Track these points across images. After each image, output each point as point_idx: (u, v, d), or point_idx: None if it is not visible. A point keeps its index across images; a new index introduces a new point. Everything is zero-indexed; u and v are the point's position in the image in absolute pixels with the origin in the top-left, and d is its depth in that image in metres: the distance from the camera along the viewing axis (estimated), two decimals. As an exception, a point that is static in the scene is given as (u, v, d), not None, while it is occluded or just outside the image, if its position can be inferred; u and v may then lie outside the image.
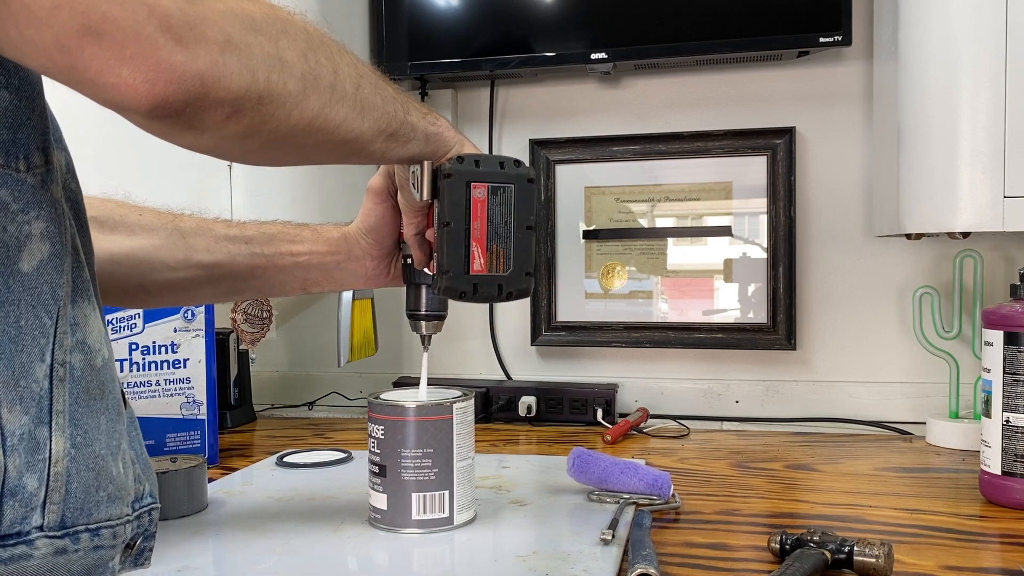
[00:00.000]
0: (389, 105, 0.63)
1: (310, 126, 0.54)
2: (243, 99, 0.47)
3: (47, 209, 0.50)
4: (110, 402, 0.53)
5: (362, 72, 0.60)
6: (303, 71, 0.51)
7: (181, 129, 0.46)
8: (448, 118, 1.54)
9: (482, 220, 0.73)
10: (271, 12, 0.50)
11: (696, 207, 1.46)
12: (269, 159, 0.57)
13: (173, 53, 0.42)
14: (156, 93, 0.42)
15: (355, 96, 0.58)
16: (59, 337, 0.50)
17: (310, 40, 0.54)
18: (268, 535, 0.82)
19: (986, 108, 1.07)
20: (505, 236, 0.74)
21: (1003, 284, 1.30)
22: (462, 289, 0.73)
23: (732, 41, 1.35)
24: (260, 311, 1.48)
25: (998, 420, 0.90)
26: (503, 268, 0.75)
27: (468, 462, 0.84)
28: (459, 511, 0.83)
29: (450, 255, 0.73)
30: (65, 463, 0.49)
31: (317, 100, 0.53)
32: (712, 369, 1.47)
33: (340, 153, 0.62)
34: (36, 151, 0.50)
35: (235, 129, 0.48)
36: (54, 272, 0.50)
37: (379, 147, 0.64)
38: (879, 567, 0.70)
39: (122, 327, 1.09)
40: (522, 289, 0.76)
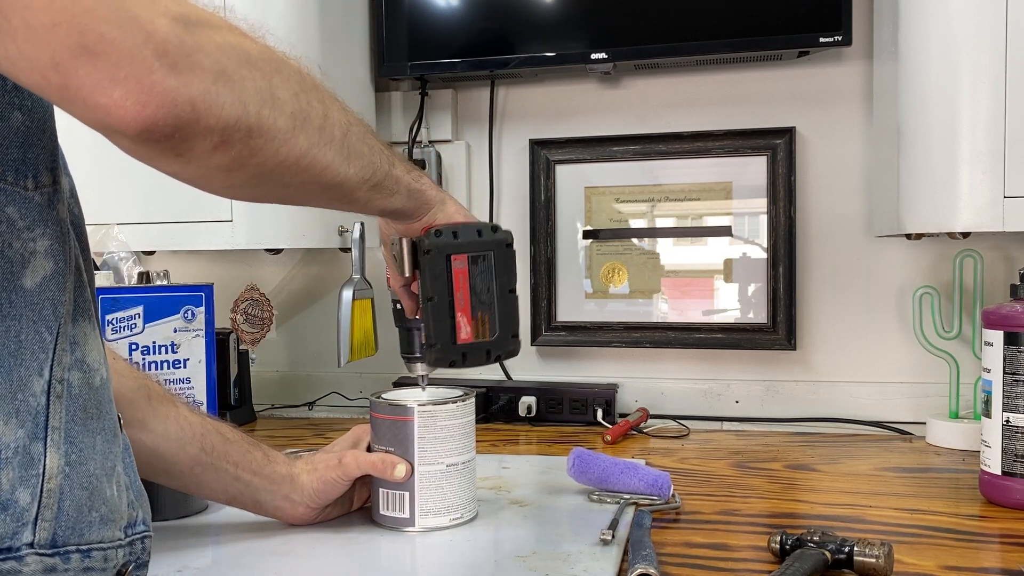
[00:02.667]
0: (375, 156, 0.63)
1: (296, 165, 0.53)
2: (232, 130, 0.47)
3: (52, 227, 0.50)
4: (106, 423, 0.53)
5: (351, 121, 0.60)
6: (294, 110, 0.52)
7: (168, 156, 0.46)
8: (448, 118, 1.55)
9: (465, 290, 0.75)
10: (267, 51, 0.51)
11: (696, 207, 1.46)
12: (253, 194, 0.56)
13: (167, 78, 0.42)
14: (146, 116, 0.42)
15: (343, 142, 0.58)
16: (58, 354, 0.50)
17: (303, 82, 0.54)
18: (268, 535, 0.82)
19: (986, 108, 1.07)
20: (488, 303, 0.77)
21: (1003, 284, 1.30)
22: (451, 359, 0.76)
23: (732, 41, 1.35)
24: (260, 311, 1.48)
25: (998, 420, 0.90)
26: (489, 334, 0.77)
27: (440, 467, 0.83)
28: (423, 514, 0.82)
29: (436, 328, 0.74)
30: (59, 480, 0.49)
31: (305, 140, 0.53)
32: (712, 369, 1.47)
33: (324, 197, 0.62)
34: (45, 171, 0.50)
35: (222, 160, 0.48)
36: (56, 289, 0.50)
37: (363, 196, 0.64)
38: (879, 567, 0.70)
39: (122, 327, 1.09)
40: (509, 351, 0.79)
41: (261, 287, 1.50)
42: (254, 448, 0.82)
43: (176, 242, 1.32)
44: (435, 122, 1.54)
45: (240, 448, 0.80)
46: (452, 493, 0.83)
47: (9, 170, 0.48)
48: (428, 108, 1.54)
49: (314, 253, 1.61)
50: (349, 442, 0.88)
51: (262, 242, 1.32)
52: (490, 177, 1.55)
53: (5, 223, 0.48)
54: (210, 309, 1.16)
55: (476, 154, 1.56)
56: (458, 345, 0.75)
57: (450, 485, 0.83)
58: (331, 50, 1.37)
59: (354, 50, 1.47)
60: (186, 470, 0.77)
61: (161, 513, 0.87)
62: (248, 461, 0.80)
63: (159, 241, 1.33)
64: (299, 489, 0.82)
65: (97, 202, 1.32)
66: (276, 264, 1.63)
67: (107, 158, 1.30)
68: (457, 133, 1.56)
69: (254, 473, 0.80)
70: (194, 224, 1.30)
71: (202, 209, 1.29)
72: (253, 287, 1.49)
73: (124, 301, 1.09)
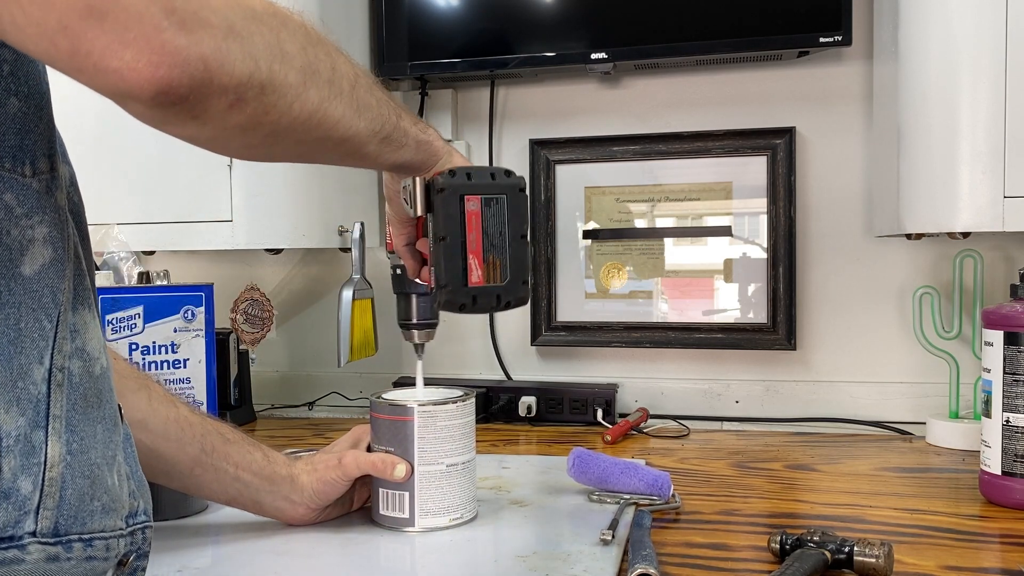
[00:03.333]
0: (383, 108, 0.63)
1: (310, 120, 0.53)
2: (246, 86, 0.46)
3: (51, 215, 0.50)
4: (107, 412, 0.53)
5: (357, 73, 0.60)
6: (303, 64, 0.51)
7: (184, 119, 0.45)
8: (448, 118, 1.55)
9: (477, 232, 0.74)
10: (271, 6, 0.50)
11: (696, 207, 1.46)
12: (270, 153, 0.56)
13: (176, 36, 0.42)
14: (160, 77, 0.42)
15: (351, 94, 0.58)
16: (59, 342, 0.50)
17: (308, 36, 0.54)
18: (267, 535, 0.82)
19: (986, 108, 1.07)
20: (500, 247, 0.75)
21: (1003, 284, 1.30)
22: (461, 302, 0.74)
23: (732, 41, 1.35)
24: (260, 311, 1.48)
25: (998, 420, 0.90)
26: (500, 278, 0.75)
27: (440, 467, 0.83)
28: (422, 514, 0.82)
29: (448, 269, 0.73)
30: (60, 468, 0.48)
31: (316, 94, 0.53)
32: (712, 369, 1.47)
33: (338, 152, 0.62)
34: (42, 157, 0.50)
35: (238, 119, 0.48)
36: (55, 277, 0.50)
37: (374, 149, 0.64)
38: (879, 567, 0.70)
39: (122, 327, 1.09)
40: (520, 298, 0.77)
41: (261, 287, 1.50)
42: (254, 449, 0.82)
43: (176, 242, 1.32)
44: (435, 122, 1.54)
45: (240, 449, 0.80)
46: (452, 493, 0.83)
47: (6, 157, 0.48)
48: (428, 108, 1.54)
49: (314, 253, 1.61)
50: (349, 442, 0.88)
51: (262, 242, 1.32)
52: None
53: (3, 210, 0.48)
54: (210, 309, 1.16)
55: (476, 154, 1.56)
56: (469, 288, 0.73)
57: (450, 485, 0.83)
58: (331, 50, 1.37)
59: (354, 50, 1.46)
60: (186, 470, 0.77)
61: (161, 513, 0.86)
62: (248, 462, 0.80)
63: (159, 241, 1.33)
64: (299, 490, 0.82)
65: (97, 202, 1.32)
66: (276, 264, 1.63)
67: (107, 157, 1.31)
68: (457, 133, 1.56)
69: (254, 474, 0.80)
70: (194, 224, 1.30)
71: (202, 209, 1.30)
72: (253, 287, 1.49)
73: (124, 301, 1.09)
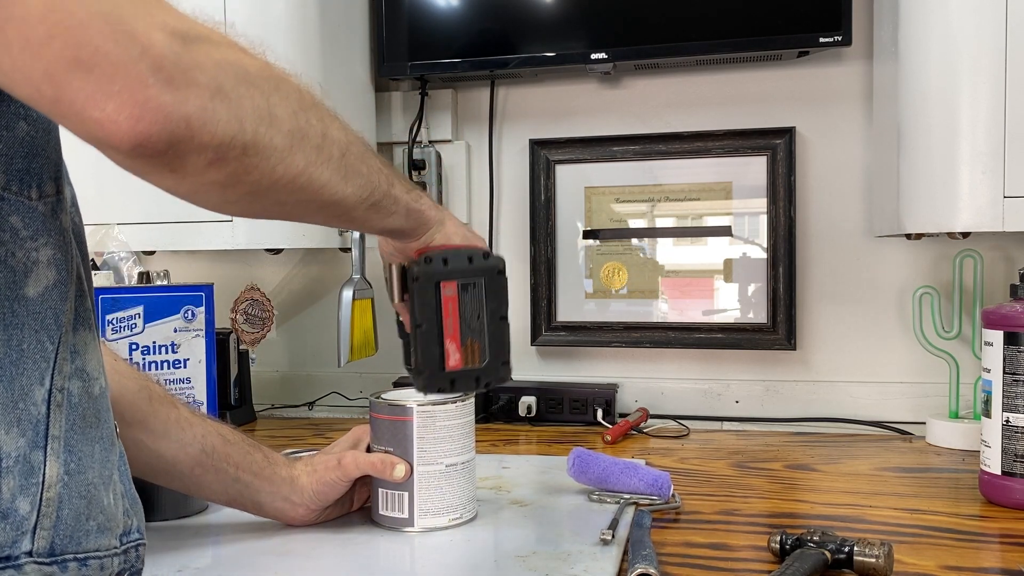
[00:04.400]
0: (374, 175, 0.63)
1: (293, 183, 0.53)
2: (227, 147, 0.46)
3: (55, 237, 0.51)
4: (104, 432, 0.53)
5: (351, 140, 0.60)
6: (291, 128, 0.51)
7: (162, 171, 0.45)
8: (448, 118, 1.55)
9: (454, 317, 0.74)
10: (267, 68, 0.50)
11: (696, 207, 1.46)
12: (249, 211, 0.56)
13: (162, 93, 0.42)
14: (139, 131, 0.42)
15: (341, 161, 0.58)
16: (59, 363, 0.50)
17: (302, 100, 0.53)
18: (267, 535, 0.82)
19: (986, 108, 1.07)
20: (479, 329, 0.76)
21: (1003, 284, 1.30)
22: (439, 386, 0.75)
23: (732, 41, 1.35)
24: (260, 311, 1.48)
25: (998, 420, 0.90)
26: (479, 361, 0.76)
27: (439, 467, 0.83)
28: (422, 514, 0.82)
29: (425, 355, 0.74)
30: (58, 488, 0.49)
31: (303, 158, 0.53)
32: (712, 369, 1.47)
33: (322, 215, 0.62)
34: (49, 181, 0.50)
35: (216, 176, 0.47)
36: (58, 299, 0.50)
37: (361, 215, 0.64)
38: (879, 567, 0.70)
39: (122, 327, 1.09)
40: (500, 378, 0.78)
41: (261, 287, 1.50)
42: (254, 450, 0.82)
43: (176, 242, 1.32)
44: (435, 122, 1.54)
45: (240, 450, 0.80)
46: (451, 493, 0.83)
47: (13, 180, 0.48)
48: (428, 108, 1.54)
49: (314, 253, 1.61)
50: (349, 443, 0.88)
51: (262, 242, 1.32)
52: (490, 177, 1.55)
53: (8, 232, 0.48)
54: (210, 309, 1.16)
55: (476, 154, 1.56)
56: (446, 372, 0.74)
57: (449, 485, 0.83)
58: (331, 50, 1.37)
59: (354, 50, 1.47)
60: (186, 471, 0.78)
61: (161, 513, 0.87)
62: (248, 463, 0.80)
63: (159, 241, 1.33)
64: (299, 491, 0.82)
65: (97, 202, 1.33)
66: (276, 264, 1.63)
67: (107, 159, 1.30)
68: (457, 133, 1.56)
69: (254, 475, 0.80)
70: (194, 224, 1.30)
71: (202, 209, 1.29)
72: (253, 287, 1.49)
73: (124, 301, 1.09)
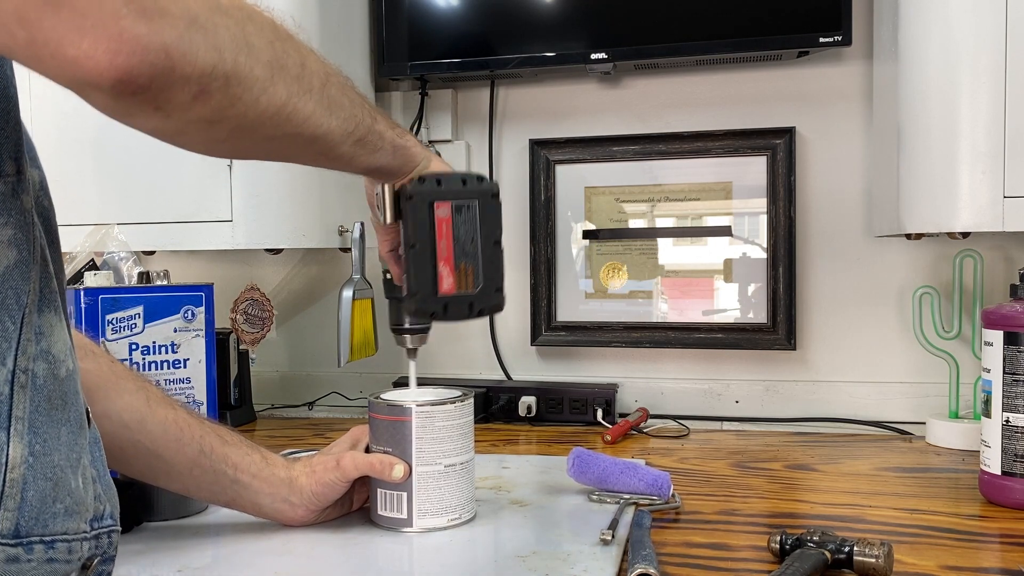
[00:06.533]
0: (356, 108, 0.62)
1: (278, 115, 0.53)
2: (210, 78, 0.46)
3: (16, 217, 0.50)
4: (72, 414, 0.52)
5: (329, 71, 0.59)
6: (270, 58, 0.51)
7: (146, 110, 0.45)
8: (448, 118, 1.55)
9: (448, 239, 0.73)
10: (236, 0, 0.49)
11: (696, 207, 1.46)
12: (236, 149, 0.56)
13: (136, 24, 0.41)
14: (118, 65, 0.41)
15: (322, 92, 0.57)
16: (23, 343, 0.49)
17: (276, 31, 0.53)
18: (267, 535, 0.82)
19: (986, 108, 1.07)
20: (473, 253, 0.74)
21: (1003, 284, 1.30)
22: (432, 310, 0.74)
23: (732, 41, 1.35)
24: (260, 311, 1.48)
25: (998, 420, 0.90)
26: (472, 286, 0.75)
27: (438, 467, 0.83)
28: (420, 515, 0.82)
29: (418, 277, 0.72)
30: (22, 470, 0.48)
31: (284, 89, 0.52)
32: (712, 369, 1.47)
33: (309, 152, 0.61)
34: (8, 160, 0.50)
35: (202, 111, 0.47)
36: (20, 279, 0.50)
37: (347, 150, 0.63)
38: (879, 567, 0.70)
39: (122, 327, 1.09)
40: (493, 305, 0.76)
41: (261, 287, 1.50)
42: (253, 451, 0.82)
43: (176, 242, 1.32)
44: (435, 122, 1.54)
45: (239, 451, 0.80)
46: (450, 494, 0.83)
47: None
48: (428, 108, 1.54)
49: (314, 253, 1.61)
50: (348, 443, 0.88)
51: (262, 242, 1.32)
52: (490, 177, 1.55)
53: None
54: (210, 309, 1.16)
55: (476, 154, 1.56)
56: (440, 296, 0.73)
57: (448, 486, 0.83)
58: (331, 50, 1.37)
59: (354, 50, 1.47)
60: (185, 472, 0.77)
61: (161, 513, 0.87)
62: (247, 464, 0.80)
63: (159, 241, 1.33)
64: (298, 492, 0.82)
65: (97, 202, 1.33)
66: (276, 264, 1.63)
67: (107, 158, 1.31)
68: (457, 133, 1.56)
69: (253, 476, 0.80)
70: (194, 224, 1.30)
71: (202, 209, 1.30)
72: (253, 287, 1.49)
73: (124, 301, 1.09)
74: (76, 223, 1.26)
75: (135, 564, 0.74)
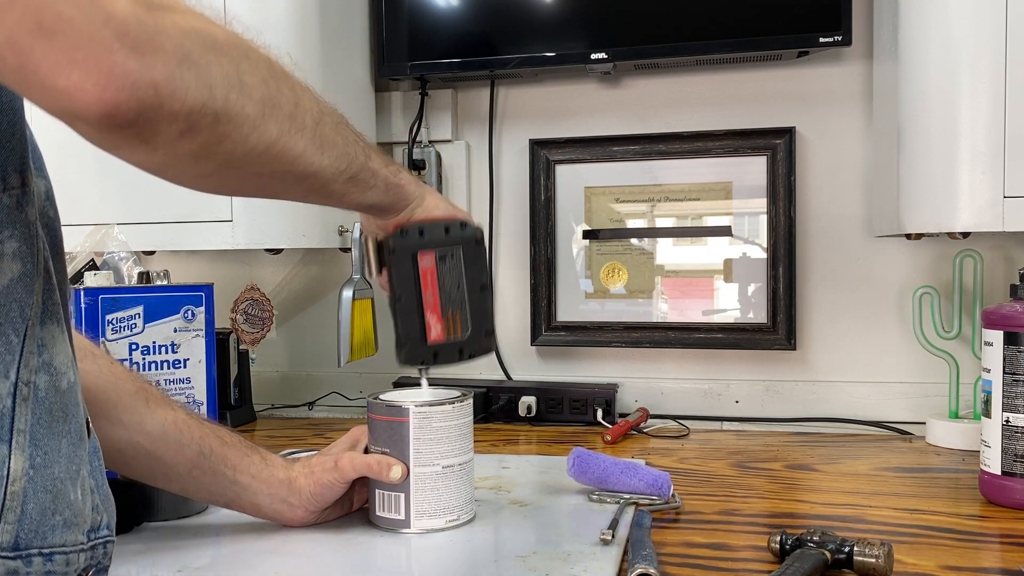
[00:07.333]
0: (350, 147, 0.62)
1: (267, 153, 0.52)
2: (198, 115, 0.45)
3: (20, 230, 0.50)
4: (72, 426, 0.52)
5: (324, 110, 0.59)
6: (263, 96, 0.50)
7: (132, 143, 0.45)
8: (448, 118, 1.55)
9: (434, 288, 0.74)
10: (234, 37, 0.49)
11: (696, 207, 1.46)
12: (224, 185, 0.55)
13: (127, 60, 0.41)
14: (107, 99, 0.41)
15: (315, 131, 0.57)
16: (25, 356, 0.49)
17: (272, 69, 0.53)
18: (267, 535, 0.82)
19: (986, 108, 1.07)
20: (459, 300, 0.75)
21: (1003, 284, 1.30)
22: (422, 358, 0.75)
23: (732, 41, 1.35)
24: (260, 311, 1.48)
25: (998, 420, 0.90)
26: (461, 332, 0.76)
27: (436, 468, 0.82)
28: (418, 516, 0.82)
29: (405, 328, 0.73)
30: (23, 483, 0.48)
31: (276, 127, 0.52)
32: (712, 369, 1.47)
33: (299, 189, 0.61)
34: (13, 173, 0.50)
35: (189, 147, 0.47)
36: (24, 291, 0.50)
37: (339, 188, 0.63)
38: (879, 567, 0.70)
39: (122, 327, 1.09)
40: (483, 349, 0.78)
41: (261, 287, 1.50)
42: (252, 452, 0.82)
43: (176, 242, 1.32)
44: (435, 122, 1.54)
45: (238, 452, 0.80)
46: (448, 495, 0.83)
47: None
48: (428, 108, 1.54)
49: (314, 253, 1.61)
50: (347, 444, 0.88)
51: (262, 242, 1.32)
52: (490, 177, 1.55)
53: None
54: (210, 309, 1.16)
55: (476, 154, 1.56)
56: (429, 345, 0.74)
57: (446, 487, 0.83)
58: (331, 50, 1.37)
59: (354, 50, 1.47)
60: (184, 473, 0.77)
61: (161, 513, 0.87)
62: (246, 465, 0.80)
63: (159, 241, 1.33)
64: (297, 492, 0.82)
65: (97, 202, 1.33)
66: (276, 264, 1.63)
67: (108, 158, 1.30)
68: (457, 133, 1.56)
69: (252, 477, 0.80)
70: (194, 224, 1.30)
71: (202, 209, 1.30)
72: (253, 287, 1.49)
73: (124, 301, 1.09)
74: (76, 223, 1.26)
75: (135, 564, 0.74)
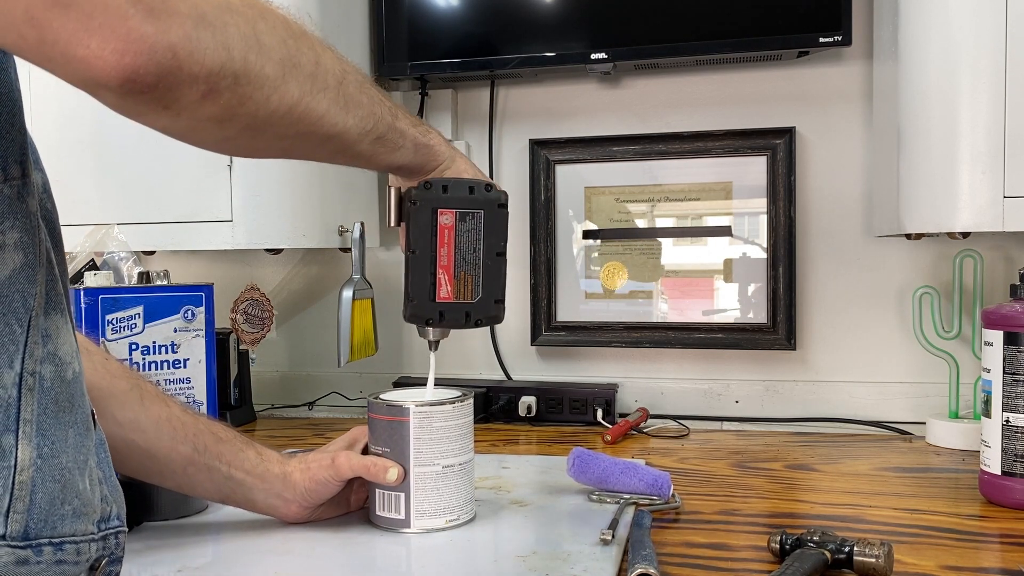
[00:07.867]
0: (376, 106, 0.62)
1: (290, 114, 0.52)
2: (218, 76, 0.45)
3: (22, 220, 0.50)
4: (79, 416, 0.53)
5: (346, 69, 0.58)
6: (282, 56, 0.50)
7: (155, 108, 0.45)
8: (448, 118, 1.55)
9: (449, 247, 0.73)
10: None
11: (696, 207, 1.46)
12: (249, 148, 0.55)
13: (143, 24, 0.41)
14: (126, 64, 0.41)
15: (338, 90, 0.57)
16: (29, 346, 0.50)
17: (289, 29, 0.52)
18: (267, 535, 0.82)
19: (986, 108, 1.07)
20: (474, 263, 0.74)
21: (1003, 284, 1.30)
22: (427, 316, 0.73)
23: (732, 41, 1.35)
24: (260, 311, 1.48)
25: (998, 420, 0.90)
26: (471, 295, 0.74)
27: (436, 468, 0.82)
28: (418, 515, 0.82)
29: (415, 283, 0.72)
30: (31, 472, 0.48)
31: (297, 87, 0.52)
32: (712, 369, 1.47)
33: (325, 150, 0.60)
34: (14, 164, 0.50)
35: (211, 110, 0.47)
36: (26, 282, 0.50)
37: (366, 148, 0.62)
38: (879, 567, 0.70)
39: (122, 327, 1.09)
40: (491, 316, 0.76)
41: (261, 287, 1.50)
42: (247, 447, 0.82)
43: (176, 242, 1.32)
44: (435, 122, 1.54)
45: (233, 447, 0.80)
46: (448, 495, 0.83)
47: None
48: (428, 108, 1.54)
49: (314, 253, 1.61)
50: (345, 442, 0.88)
51: (262, 242, 1.32)
52: (490, 177, 1.55)
53: None
54: (210, 309, 1.16)
55: (476, 154, 1.56)
56: (436, 303, 0.72)
57: (446, 487, 0.83)
58: (331, 50, 1.37)
59: (354, 50, 1.47)
60: (179, 469, 0.77)
61: (161, 513, 0.87)
62: (241, 460, 0.80)
63: (159, 241, 1.33)
64: (291, 487, 0.82)
65: (97, 202, 1.33)
66: (276, 264, 1.63)
67: (108, 157, 1.31)
68: (457, 133, 1.56)
69: (247, 472, 0.80)
70: (194, 224, 1.30)
71: (202, 209, 1.30)
72: (253, 287, 1.49)
73: (124, 301, 1.09)
74: (76, 223, 1.26)
75: (135, 564, 0.74)
